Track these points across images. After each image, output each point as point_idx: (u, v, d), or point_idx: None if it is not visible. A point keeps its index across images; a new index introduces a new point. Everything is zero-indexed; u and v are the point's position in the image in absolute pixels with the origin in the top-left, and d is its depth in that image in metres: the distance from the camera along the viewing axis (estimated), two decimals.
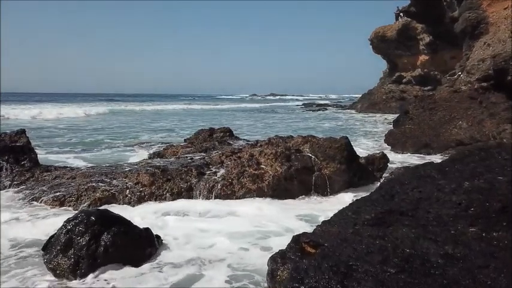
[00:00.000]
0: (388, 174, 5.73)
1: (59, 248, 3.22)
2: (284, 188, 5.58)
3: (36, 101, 46.37)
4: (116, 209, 4.66)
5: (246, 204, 4.91)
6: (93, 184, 5.68)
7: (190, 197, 5.44)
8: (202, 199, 5.43)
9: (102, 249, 3.22)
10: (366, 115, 27.79)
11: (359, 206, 3.17)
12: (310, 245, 3.00)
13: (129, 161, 7.98)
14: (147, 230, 3.69)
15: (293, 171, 5.62)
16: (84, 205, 5.23)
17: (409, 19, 26.85)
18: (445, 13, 19.33)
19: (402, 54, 30.26)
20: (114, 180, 5.81)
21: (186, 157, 7.14)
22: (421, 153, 9.20)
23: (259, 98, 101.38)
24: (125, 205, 5.11)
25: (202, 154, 7.46)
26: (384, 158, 6.54)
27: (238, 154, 6.40)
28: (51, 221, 4.29)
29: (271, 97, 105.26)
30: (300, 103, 54.53)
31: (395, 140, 9.78)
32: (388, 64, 33.62)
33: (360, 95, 39.43)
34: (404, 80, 30.74)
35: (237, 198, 5.43)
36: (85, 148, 10.23)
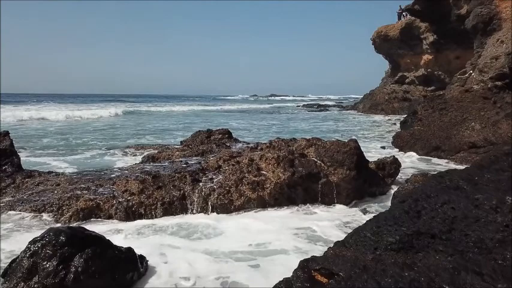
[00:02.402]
0: (404, 181, 5.19)
1: (20, 275, 2.70)
2: (287, 196, 5.06)
3: (35, 102, 45.76)
4: (96, 224, 4.15)
5: (245, 218, 4.38)
6: (78, 192, 5.17)
7: (183, 206, 4.91)
8: (197, 208, 4.91)
9: (72, 277, 2.70)
10: (368, 116, 27.29)
11: (379, 226, 2.65)
12: (321, 274, 2.47)
13: (120, 165, 7.46)
14: (130, 250, 3.17)
15: (297, 177, 5.10)
16: (65, 216, 4.72)
17: (412, 18, 26.30)
18: (450, 11, 18.79)
19: (405, 54, 29.69)
20: (101, 188, 5.30)
21: (181, 161, 6.63)
22: (431, 156, 8.68)
23: (260, 98, 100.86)
24: (108, 219, 4.58)
25: (199, 158, 6.96)
26: (395, 163, 6.03)
27: (237, 158, 5.89)
28: (22, 237, 3.77)
29: (272, 98, 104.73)
30: (301, 104, 53.99)
31: (404, 142, 9.26)
32: (391, 64, 33.11)
33: (362, 96, 38.94)
34: (407, 80, 30.18)
35: (235, 208, 4.91)
36: (76, 151, 9.67)
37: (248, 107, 47.14)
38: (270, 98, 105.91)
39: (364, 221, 4.43)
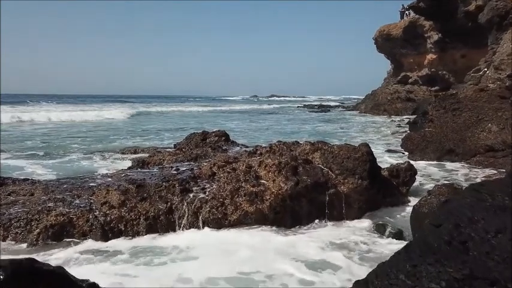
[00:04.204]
0: (421, 191, 4.53)
1: None
2: (290, 209, 4.41)
3: (34, 103, 44.97)
4: (62, 246, 3.50)
5: (239, 238, 3.73)
6: (50, 204, 4.52)
7: (170, 221, 4.27)
8: (186, 224, 4.27)
9: None
10: (371, 116, 26.61)
11: (415, 264, 2.00)
12: None
13: (105, 171, 6.82)
14: (94, 286, 2.52)
15: (301, 188, 4.45)
16: (33, 233, 4.08)
17: (416, 16, 25.69)
18: (457, 8, 18.17)
19: (408, 54, 29.07)
20: (77, 199, 4.65)
21: (172, 167, 5.99)
22: (445, 160, 8.03)
23: (260, 99, 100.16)
24: (83, 237, 3.94)
25: (192, 163, 6.32)
26: (410, 169, 5.39)
27: (233, 165, 5.23)
28: None
29: (273, 98, 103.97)
30: (302, 104, 53.35)
31: (414, 145, 8.60)
32: (393, 64, 32.51)
33: (363, 97, 38.32)
34: (410, 80, 29.57)
35: (229, 223, 4.26)
36: (60, 155, 8.94)
37: (248, 107, 46.49)
38: (270, 98, 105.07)
39: (383, 243, 3.80)
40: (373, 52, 33.40)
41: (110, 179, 5.50)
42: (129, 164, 7.67)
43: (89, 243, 3.72)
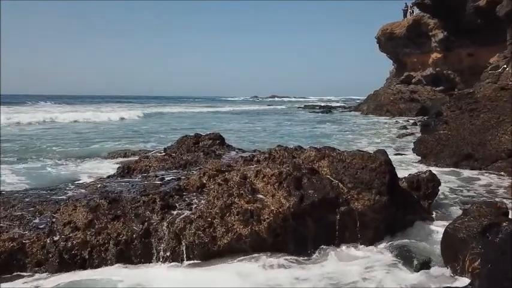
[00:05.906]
0: (460, 211, 3.74)
1: None
2: (292, 230, 3.64)
3: (32, 103, 44.18)
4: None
5: (219, 276, 2.96)
6: (4, 224, 3.76)
7: (146, 247, 3.50)
8: (166, 250, 3.50)
9: None
10: (373, 117, 25.85)
11: None
12: None
13: (86, 179, 6.07)
14: None
15: (306, 205, 3.68)
16: None
17: (420, 14, 24.94)
18: (464, 4, 17.43)
19: (412, 53, 28.33)
20: (38, 217, 3.88)
21: (156, 176, 5.23)
22: (462, 166, 7.26)
23: (261, 100, 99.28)
24: (38, 267, 3.18)
25: (180, 171, 5.56)
26: (432, 180, 4.61)
27: (226, 175, 4.46)
28: None
29: (273, 99, 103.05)
30: (303, 105, 52.57)
31: (428, 149, 7.83)
32: (396, 63, 31.77)
33: (363, 97, 37.60)
34: (413, 80, 28.82)
35: (218, 249, 3.49)
36: (37, 159, 8.09)
37: (248, 108, 45.71)
38: (271, 99, 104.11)
39: (408, 278, 3.03)
40: (374, 52, 32.82)
41: (83, 191, 4.73)
42: (115, 169, 6.93)
43: (30, 280, 2.93)
